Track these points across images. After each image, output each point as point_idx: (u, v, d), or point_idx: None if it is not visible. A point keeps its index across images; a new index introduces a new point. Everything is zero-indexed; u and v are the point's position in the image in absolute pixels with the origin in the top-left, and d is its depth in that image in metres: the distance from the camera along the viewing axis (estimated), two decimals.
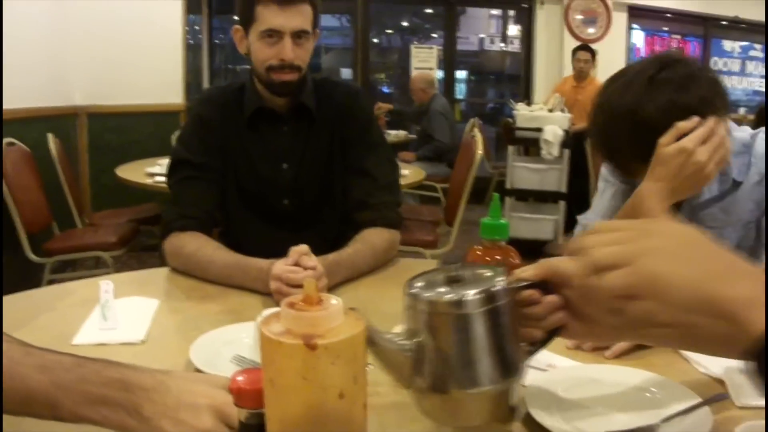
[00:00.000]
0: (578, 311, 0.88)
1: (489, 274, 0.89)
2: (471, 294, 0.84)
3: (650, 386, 1.18)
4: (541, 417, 1.03)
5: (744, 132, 1.68)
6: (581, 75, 7.21)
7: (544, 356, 1.28)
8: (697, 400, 1.10)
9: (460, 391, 0.86)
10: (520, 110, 6.08)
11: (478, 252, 1.07)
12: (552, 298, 0.89)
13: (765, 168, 0.88)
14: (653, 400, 1.14)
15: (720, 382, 1.24)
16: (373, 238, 1.87)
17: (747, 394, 1.18)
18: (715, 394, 1.13)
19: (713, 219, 1.67)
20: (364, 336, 0.68)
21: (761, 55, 11.38)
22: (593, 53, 7.22)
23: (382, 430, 1.03)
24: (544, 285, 0.88)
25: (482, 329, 0.85)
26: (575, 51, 7.34)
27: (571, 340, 1.04)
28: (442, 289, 0.87)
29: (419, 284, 0.89)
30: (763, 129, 1.69)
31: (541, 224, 5.93)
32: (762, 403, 1.15)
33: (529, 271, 0.89)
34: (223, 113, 1.95)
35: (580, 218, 1.86)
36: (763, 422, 0.94)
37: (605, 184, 1.84)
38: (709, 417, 1.05)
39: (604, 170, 1.84)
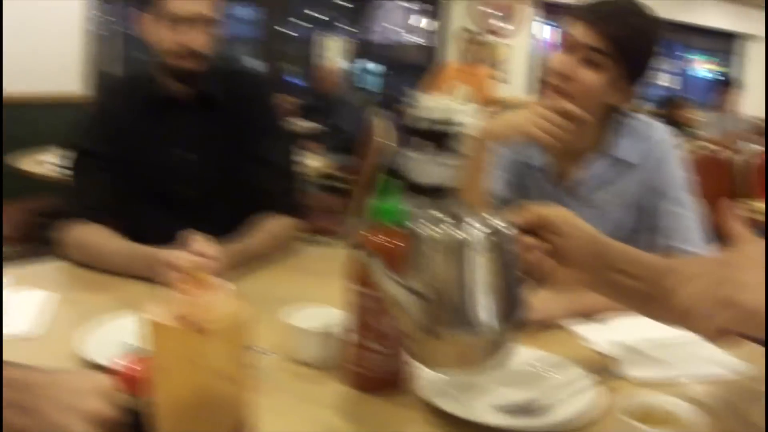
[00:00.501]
0: (565, 257, 0.95)
1: (494, 218, 0.91)
2: (477, 232, 0.86)
3: (541, 363, 1.22)
4: (432, 395, 1.06)
5: (633, 117, 1.76)
6: (476, 59, 7.24)
7: None
8: (584, 373, 1.15)
9: (462, 334, 0.88)
10: (427, 102, 6.05)
11: (369, 234, 1.09)
12: (543, 245, 0.95)
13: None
14: (544, 377, 1.18)
15: (606, 356, 1.29)
16: (273, 227, 1.87)
17: (636, 368, 1.24)
18: (601, 368, 1.19)
19: (602, 199, 1.74)
20: (250, 322, 0.69)
21: (663, 50, 11.73)
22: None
23: (273, 413, 1.04)
24: (534, 232, 0.93)
25: (489, 268, 0.87)
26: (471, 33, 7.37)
27: (557, 288, 1.05)
28: (450, 231, 0.88)
29: (425, 223, 0.89)
30: (654, 120, 1.79)
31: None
32: (647, 376, 1.21)
33: (519, 218, 0.92)
34: (125, 101, 1.91)
35: None
36: (654, 396, 0.99)
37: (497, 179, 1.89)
38: (597, 390, 1.11)
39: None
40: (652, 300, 1.01)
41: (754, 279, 0.77)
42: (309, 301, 1.29)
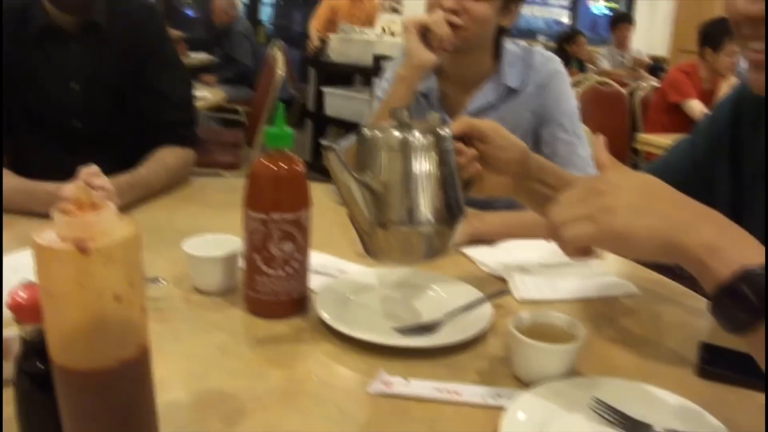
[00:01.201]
0: (491, 164, 1.05)
1: (433, 123, 1.00)
2: (415, 133, 0.96)
3: (435, 285, 1.25)
4: (332, 321, 1.07)
5: (516, 45, 1.80)
6: None
7: (335, 262, 1.33)
8: (480, 295, 1.18)
9: (408, 225, 0.96)
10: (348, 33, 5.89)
11: (263, 161, 1.08)
12: (472, 151, 1.05)
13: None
14: (438, 297, 1.21)
15: (501, 279, 1.34)
16: (166, 157, 1.84)
17: (525, 289, 1.28)
18: (495, 290, 1.22)
19: None
20: (138, 239, 0.67)
21: None
22: None
23: (174, 340, 1.04)
24: (464, 140, 1.03)
25: (430, 166, 0.96)
26: None
27: (482, 193, 1.12)
28: (395, 132, 0.96)
29: (373, 130, 0.98)
30: (537, 47, 1.83)
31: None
32: (537, 297, 1.26)
33: (452, 127, 1.02)
34: (5, 30, 1.82)
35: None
36: (541, 312, 1.03)
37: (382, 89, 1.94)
38: (489, 310, 1.14)
39: (387, 74, 1.95)
40: None
41: (616, 203, 0.82)
42: (207, 231, 1.28)
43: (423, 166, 0.96)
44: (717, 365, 1.03)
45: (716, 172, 1.24)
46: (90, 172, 1.52)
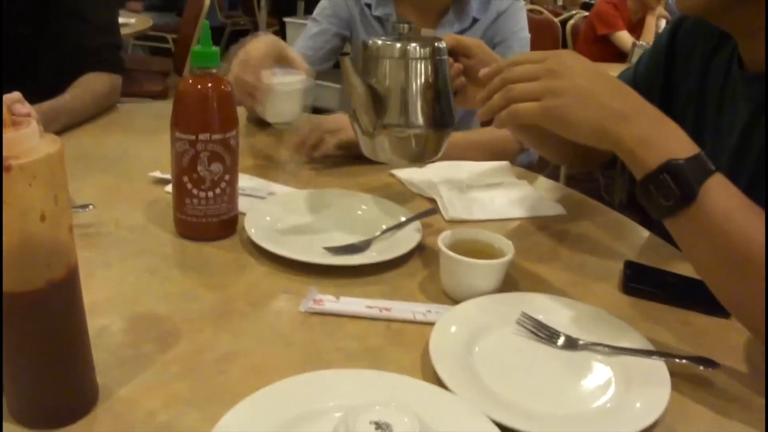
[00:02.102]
0: (474, 78, 1.09)
1: (429, 37, 1.07)
2: (414, 45, 1.03)
3: (364, 205, 1.26)
4: (262, 241, 1.07)
5: None
6: None
7: (264, 185, 1.33)
8: (410, 215, 1.19)
9: (405, 128, 1.04)
10: None
11: (189, 81, 1.06)
12: (458, 65, 1.13)
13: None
14: (368, 218, 1.22)
15: (431, 200, 1.35)
16: (92, 83, 1.79)
17: (454, 209, 1.29)
18: (425, 210, 1.23)
19: None
20: (61, 156, 0.66)
21: None
22: None
23: (104, 266, 1.02)
24: (452, 54, 1.10)
25: (427, 76, 1.04)
26: None
27: (465, 104, 1.19)
28: (397, 44, 1.03)
29: (377, 41, 1.05)
30: None
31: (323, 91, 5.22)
32: (466, 217, 1.27)
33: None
34: None
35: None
36: (463, 229, 1.04)
37: (313, 22, 1.95)
38: (418, 229, 1.15)
39: (318, 11, 1.95)
40: None
41: (565, 86, 0.89)
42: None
43: (420, 74, 1.04)
44: (640, 282, 1.07)
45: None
46: (12, 98, 1.47)
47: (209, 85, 1.06)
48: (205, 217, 1.09)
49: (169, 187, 1.19)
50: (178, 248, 1.10)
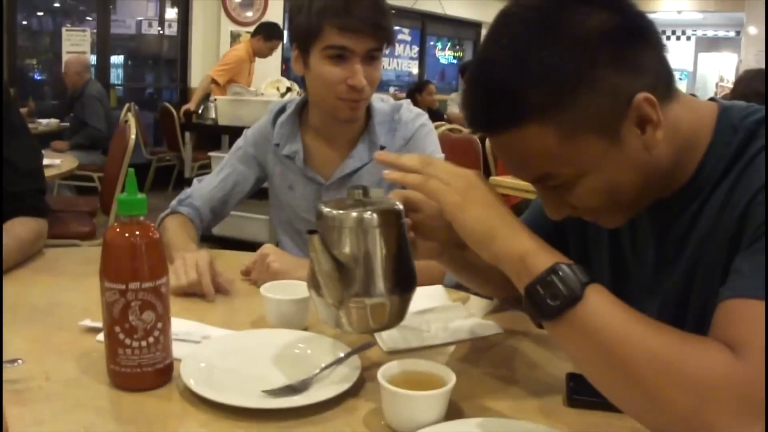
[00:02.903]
0: (423, 231, 1.16)
1: (386, 199, 1.11)
2: (371, 211, 1.05)
3: (301, 343, 1.25)
4: (200, 388, 1.04)
5: (384, 103, 1.85)
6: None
7: (198, 329, 1.31)
8: (347, 350, 1.18)
9: (370, 298, 1.05)
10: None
11: (117, 229, 1.05)
12: (408, 220, 1.13)
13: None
14: (305, 355, 1.20)
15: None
16: (17, 230, 1.76)
17: (392, 340, 1.29)
18: (362, 344, 1.22)
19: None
20: None
21: (408, 38, 12.31)
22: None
23: (36, 424, 0.98)
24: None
25: (386, 242, 1.05)
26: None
27: (415, 257, 1.16)
28: (353, 213, 1.05)
29: (330, 207, 1.07)
30: (404, 102, 1.89)
31: (251, 223, 5.04)
32: (404, 347, 1.27)
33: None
34: None
35: (196, 183, 2.00)
36: (402, 361, 1.04)
37: (229, 161, 2.00)
38: (357, 364, 1.14)
39: (233, 149, 2.00)
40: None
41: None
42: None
43: (382, 243, 1.05)
44: (584, 393, 1.06)
45: (567, 227, 1.31)
46: None
47: (137, 233, 1.06)
48: (140, 367, 1.06)
49: (100, 336, 1.17)
50: (114, 400, 1.06)
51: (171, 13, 9.56)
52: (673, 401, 0.82)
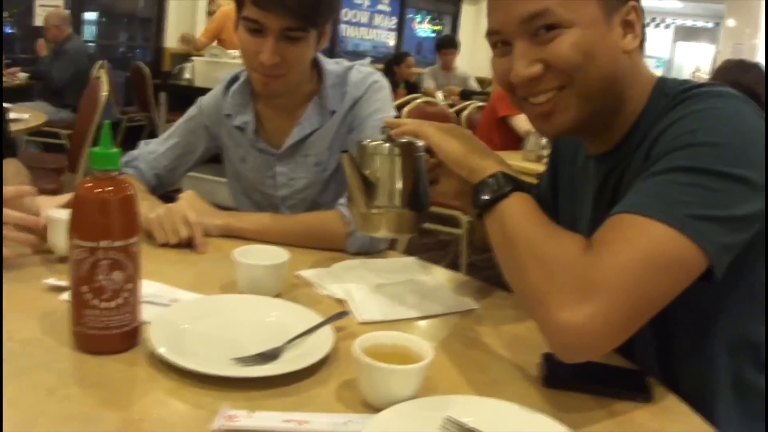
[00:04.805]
0: (446, 170, 1.30)
1: (412, 138, 1.29)
2: (398, 144, 1.27)
3: (273, 311, 1.22)
4: (168, 354, 1.00)
5: (338, 65, 1.81)
6: None
7: (166, 292, 1.27)
8: (320, 319, 1.15)
9: (392, 209, 1.27)
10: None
11: (88, 184, 1.01)
12: (433, 159, 1.30)
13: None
14: (277, 324, 1.17)
15: (341, 302, 1.32)
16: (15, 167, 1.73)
17: (366, 311, 1.26)
18: (336, 313, 1.20)
19: (314, 149, 1.78)
20: None
21: (388, 9, 12.23)
22: None
23: None
24: (428, 151, 1.28)
25: (407, 168, 1.27)
26: None
27: (440, 193, 1.38)
28: (385, 144, 1.28)
29: (368, 141, 1.30)
30: (357, 63, 1.85)
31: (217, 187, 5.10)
32: (378, 318, 1.25)
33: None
34: None
35: (144, 145, 1.98)
36: (378, 333, 1.02)
37: (180, 128, 1.96)
38: (331, 334, 1.11)
39: (186, 117, 1.96)
40: None
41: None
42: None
43: (402, 168, 1.26)
44: (560, 374, 1.06)
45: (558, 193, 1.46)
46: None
47: (110, 188, 1.01)
48: (107, 329, 1.02)
49: (65, 296, 1.12)
50: (77, 364, 1.02)
51: None
52: (531, 279, 0.99)
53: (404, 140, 1.28)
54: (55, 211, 1.39)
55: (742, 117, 1.04)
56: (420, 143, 1.28)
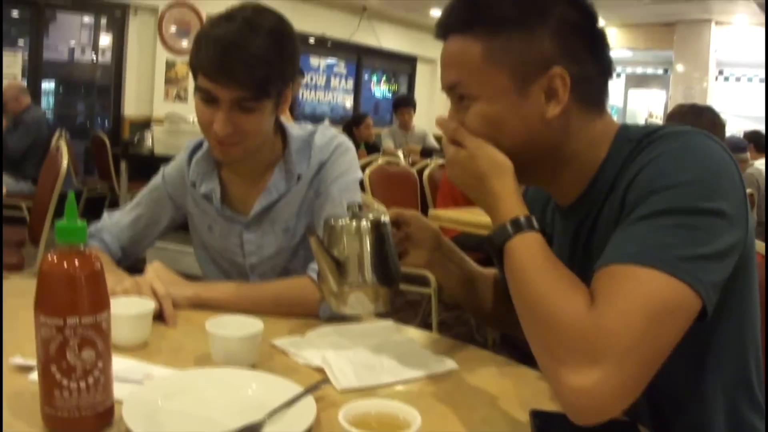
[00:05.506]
0: (414, 242, 1.41)
1: (378, 213, 1.33)
2: (364, 221, 1.29)
3: (251, 383, 1.18)
4: (139, 428, 0.96)
5: (302, 129, 1.80)
6: None
7: (139, 368, 1.23)
8: (299, 389, 1.12)
9: (362, 286, 1.28)
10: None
11: (54, 258, 0.97)
12: (401, 233, 1.39)
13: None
14: (256, 397, 1.13)
15: (319, 370, 1.28)
16: None
17: (346, 378, 1.23)
18: (315, 382, 1.16)
19: (282, 215, 1.76)
20: None
21: (344, 71, 12.37)
22: None
23: None
24: (395, 224, 1.38)
25: (376, 245, 1.29)
26: None
27: (408, 264, 1.42)
28: (348, 221, 1.30)
29: (335, 220, 1.31)
30: (321, 126, 1.84)
31: (186, 257, 4.94)
32: (359, 385, 1.21)
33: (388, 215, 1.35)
34: None
35: (108, 216, 1.95)
36: (363, 402, 0.98)
37: (145, 199, 1.93)
38: (312, 404, 1.07)
39: (149, 188, 1.94)
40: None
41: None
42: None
43: (371, 245, 1.28)
44: (551, 430, 1.05)
45: None
46: None
47: (76, 262, 0.98)
48: (78, 410, 0.97)
49: (33, 375, 1.08)
50: None
51: (105, 39, 9.39)
52: (539, 336, 1.02)
53: (370, 216, 1.30)
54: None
55: (709, 151, 1.06)
56: (386, 218, 1.32)
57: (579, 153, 1.19)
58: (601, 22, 1.19)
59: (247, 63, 1.53)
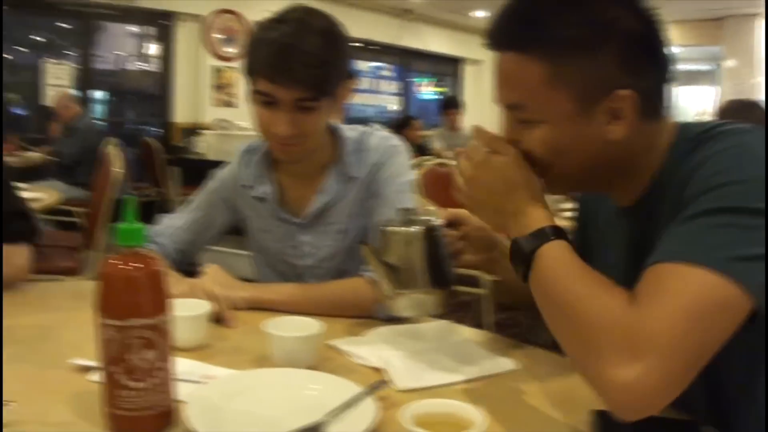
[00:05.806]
0: (469, 242, 1.40)
1: (430, 217, 1.36)
2: (417, 226, 1.32)
3: (310, 383, 1.17)
4: (202, 428, 0.96)
5: (355, 131, 1.79)
6: None
7: (199, 368, 1.23)
8: (359, 390, 1.11)
9: (416, 290, 1.32)
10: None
11: (113, 261, 0.98)
12: (457, 232, 1.39)
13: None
14: (316, 397, 1.13)
15: (377, 370, 1.27)
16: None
17: (405, 378, 1.22)
18: (375, 382, 1.15)
19: (337, 216, 1.76)
20: None
21: (391, 74, 12.39)
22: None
23: None
24: (451, 224, 1.38)
25: (429, 249, 1.31)
26: None
27: (466, 264, 1.42)
28: (402, 227, 1.33)
29: (390, 226, 1.34)
30: (374, 127, 1.84)
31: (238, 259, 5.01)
32: (419, 385, 1.20)
33: (443, 215, 1.39)
34: None
35: (164, 220, 1.95)
36: (425, 402, 0.97)
37: (192, 209, 1.94)
38: (372, 404, 1.06)
39: (205, 193, 1.95)
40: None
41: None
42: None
43: (423, 249, 1.31)
44: (612, 430, 1.02)
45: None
46: None
47: (137, 265, 0.98)
48: (141, 410, 0.98)
49: (94, 376, 1.08)
50: None
51: (152, 48, 9.53)
52: (579, 340, 1.00)
53: (423, 220, 1.32)
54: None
55: (763, 150, 1.03)
56: (438, 221, 1.34)
57: (640, 160, 1.16)
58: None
59: (305, 63, 1.53)
